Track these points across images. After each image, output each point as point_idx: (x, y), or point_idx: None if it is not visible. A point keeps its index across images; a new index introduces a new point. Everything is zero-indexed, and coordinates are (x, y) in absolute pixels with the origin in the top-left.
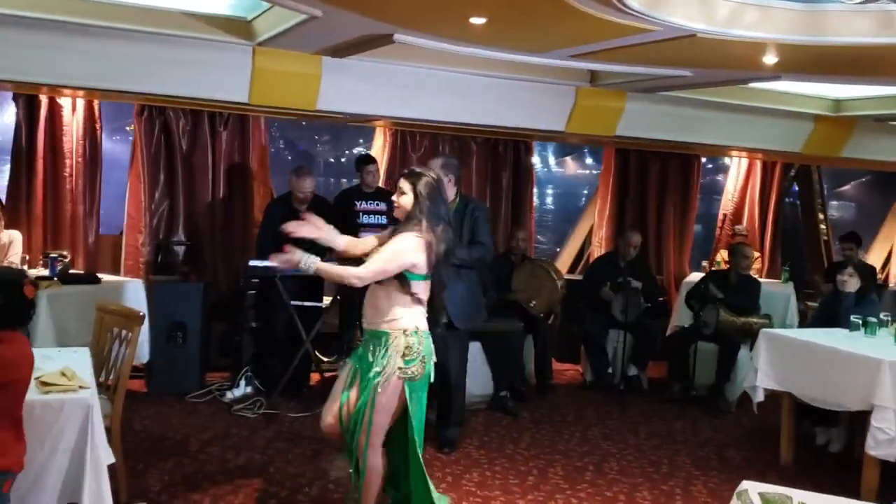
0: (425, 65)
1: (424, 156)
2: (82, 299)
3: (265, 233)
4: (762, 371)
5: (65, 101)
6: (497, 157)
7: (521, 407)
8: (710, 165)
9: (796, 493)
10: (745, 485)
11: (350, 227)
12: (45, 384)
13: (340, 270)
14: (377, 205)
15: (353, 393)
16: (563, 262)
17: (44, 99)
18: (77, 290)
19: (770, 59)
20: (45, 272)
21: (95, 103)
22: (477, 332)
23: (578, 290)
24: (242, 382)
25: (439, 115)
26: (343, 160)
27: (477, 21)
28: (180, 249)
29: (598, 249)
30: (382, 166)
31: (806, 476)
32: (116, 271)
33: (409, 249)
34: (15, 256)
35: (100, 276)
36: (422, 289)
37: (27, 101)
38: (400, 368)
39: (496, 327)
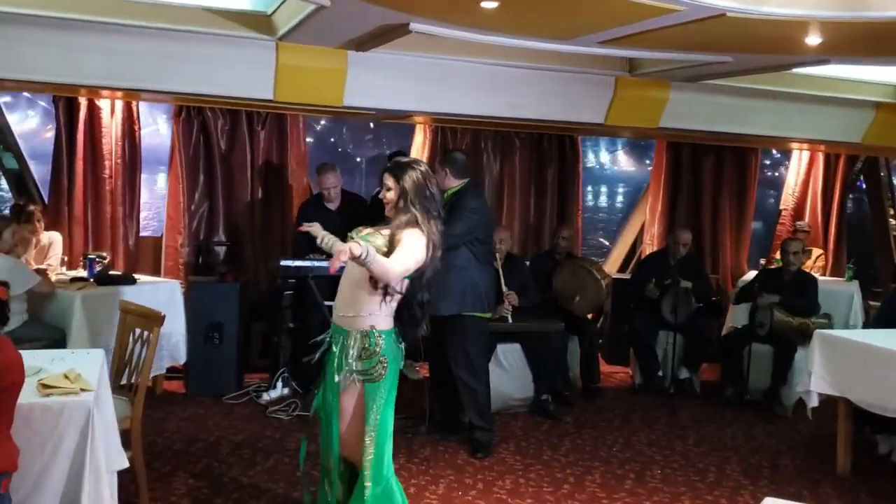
0: (454, 57)
1: (465, 154)
2: (117, 300)
3: (298, 232)
4: (816, 375)
5: (103, 103)
6: (542, 152)
7: (564, 411)
8: (766, 161)
9: None
10: (767, 502)
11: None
12: (45, 386)
13: (387, 267)
14: None
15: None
16: (614, 261)
17: (83, 101)
18: (112, 290)
19: (813, 39)
20: (85, 273)
21: (134, 104)
22: (516, 332)
23: (628, 289)
24: (279, 384)
25: (470, 109)
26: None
27: (488, 5)
28: (221, 250)
29: (649, 247)
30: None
31: (864, 487)
32: (157, 272)
33: (421, 248)
34: (55, 258)
35: (136, 276)
36: (402, 286)
37: (66, 103)
38: (357, 371)
39: (536, 328)
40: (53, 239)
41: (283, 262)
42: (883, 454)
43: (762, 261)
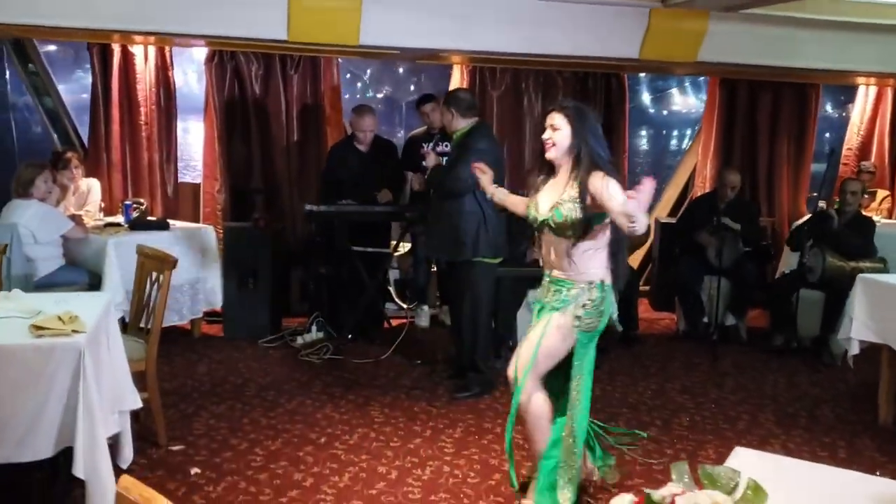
0: None
1: (505, 94)
2: (150, 245)
3: (328, 175)
4: (858, 321)
5: (137, 50)
6: (587, 92)
7: (599, 358)
8: (832, 101)
9: (789, 464)
10: (736, 452)
11: (419, 172)
12: (38, 328)
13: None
14: (445, 146)
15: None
16: (665, 204)
17: (116, 48)
18: (145, 236)
19: None
20: (122, 219)
21: (167, 51)
22: (537, 275)
23: (674, 233)
24: (314, 328)
25: (495, 46)
26: None
27: None
28: (258, 196)
29: (701, 190)
30: None
31: None
32: (197, 219)
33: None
34: (93, 205)
35: (171, 222)
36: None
37: (100, 50)
38: (577, 318)
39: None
40: (92, 186)
41: (309, 207)
42: None
43: (822, 203)
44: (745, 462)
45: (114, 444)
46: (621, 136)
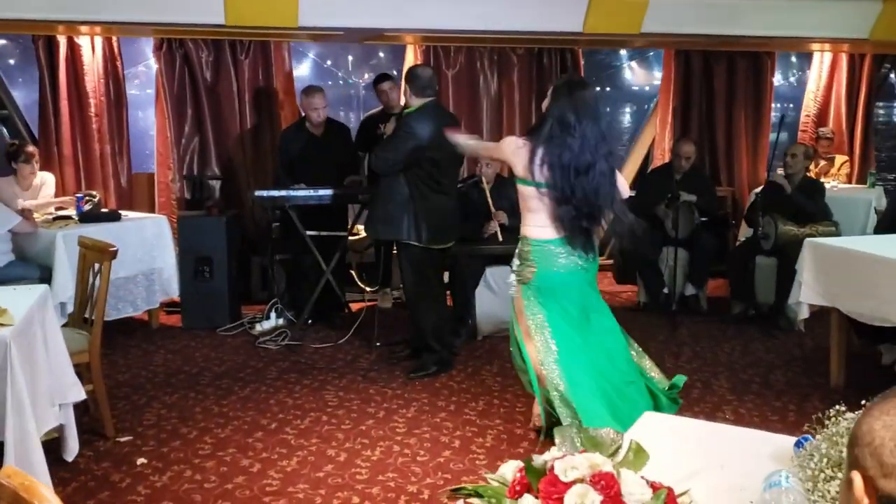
0: None
1: (460, 73)
2: (101, 237)
3: (281, 160)
4: (806, 285)
5: (83, 41)
6: (542, 69)
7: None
8: (791, 70)
9: (692, 425)
10: (645, 419)
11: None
12: None
13: None
14: None
15: None
16: (625, 178)
17: (62, 39)
18: (96, 228)
19: None
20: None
21: (114, 41)
22: (505, 255)
23: (631, 205)
24: (273, 314)
25: (433, 23)
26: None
27: None
28: (216, 184)
29: (660, 163)
30: None
31: (854, 398)
32: (153, 209)
33: None
34: (46, 198)
35: (124, 213)
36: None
37: (46, 43)
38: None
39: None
40: (45, 179)
41: (258, 193)
42: (886, 365)
43: (779, 170)
44: (648, 425)
45: (59, 437)
46: None
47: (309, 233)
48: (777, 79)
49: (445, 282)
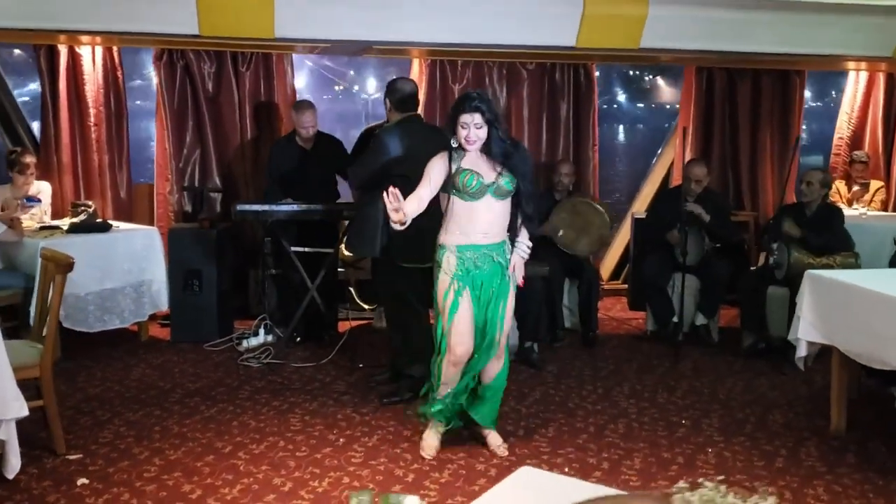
0: None
1: (467, 88)
2: (88, 248)
3: (270, 173)
4: (805, 320)
5: (84, 51)
6: (553, 84)
7: (553, 359)
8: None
9: (560, 483)
10: (519, 473)
11: None
12: None
13: None
14: None
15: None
16: (642, 200)
17: (63, 49)
18: (82, 239)
19: None
20: (76, 221)
21: (115, 50)
22: None
23: (642, 229)
24: (261, 331)
25: (418, 36)
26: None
27: None
28: (210, 196)
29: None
30: (421, 100)
31: (854, 447)
32: (153, 220)
33: None
34: (40, 208)
35: (116, 224)
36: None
37: (47, 52)
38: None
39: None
40: (42, 189)
41: (240, 207)
42: None
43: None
44: (520, 481)
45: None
46: (590, 129)
47: (294, 249)
48: (809, 98)
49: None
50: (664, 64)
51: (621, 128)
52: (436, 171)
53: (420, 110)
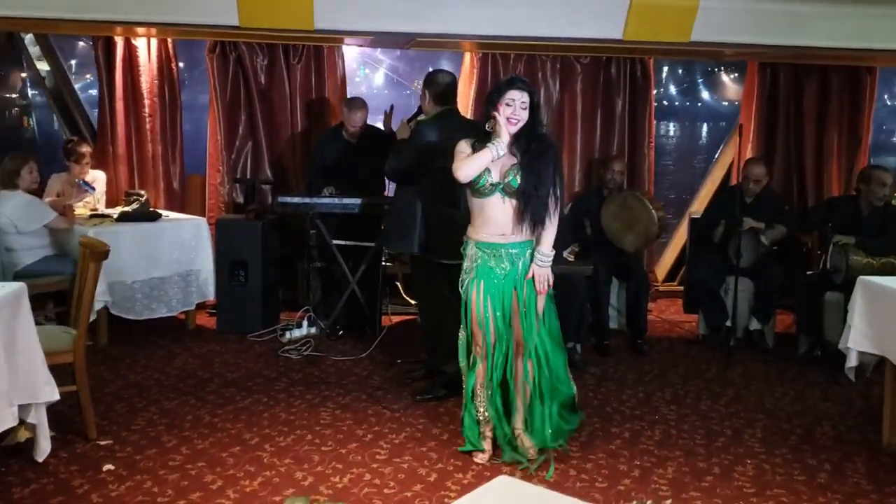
0: None
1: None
2: (137, 236)
3: (316, 166)
4: (856, 329)
5: (140, 42)
6: (609, 79)
7: (598, 362)
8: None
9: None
10: (496, 482)
11: None
12: None
13: None
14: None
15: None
16: (701, 200)
17: (119, 41)
18: (132, 227)
19: None
20: (127, 210)
21: (170, 42)
22: None
23: (696, 229)
24: (305, 323)
25: (461, 28)
26: None
27: None
28: (261, 188)
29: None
30: (471, 95)
31: None
32: (204, 211)
33: None
34: (95, 196)
35: (165, 213)
36: None
37: (105, 44)
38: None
39: (558, 270)
40: (97, 178)
41: (281, 199)
42: None
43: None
44: (496, 490)
45: (32, 438)
46: (646, 125)
47: (336, 242)
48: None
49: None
50: (727, 59)
51: (681, 125)
52: (466, 148)
53: (471, 104)
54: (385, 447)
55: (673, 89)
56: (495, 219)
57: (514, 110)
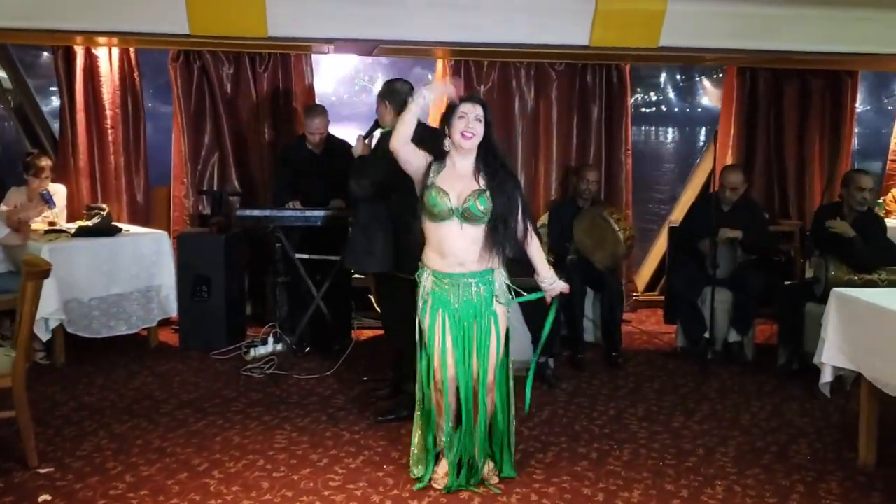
0: None
1: (493, 89)
2: (95, 252)
3: (279, 178)
4: (831, 343)
5: (101, 52)
6: (585, 86)
7: (572, 376)
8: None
9: None
10: None
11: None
12: None
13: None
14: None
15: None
16: (681, 208)
17: (80, 50)
18: (89, 243)
19: None
20: (85, 224)
21: (132, 52)
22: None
23: (672, 239)
24: (270, 339)
25: (419, 34)
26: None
27: None
28: (226, 200)
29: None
30: (444, 102)
31: (883, 484)
32: (169, 224)
33: None
34: (53, 211)
35: (126, 227)
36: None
37: (65, 54)
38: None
39: (529, 283)
40: (57, 191)
41: (239, 212)
42: None
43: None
44: None
45: None
46: (622, 132)
47: (300, 256)
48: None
49: None
50: (707, 64)
51: (661, 131)
52: (423, 156)
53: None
54: (340, 472)
55: (655, 94)
56: (452, 247)
57: (467, 123)
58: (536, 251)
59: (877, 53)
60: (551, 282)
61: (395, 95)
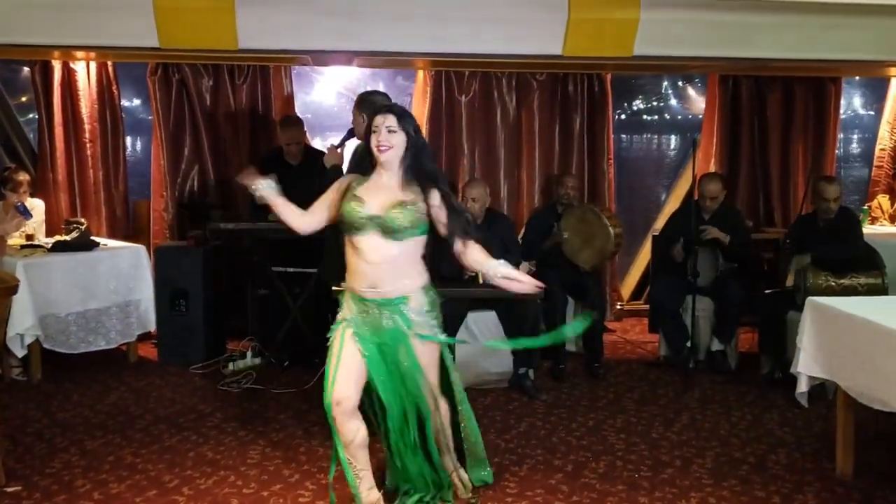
0: None
1: (474, 99)
2: (72, 267)
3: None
4: (806, 352)
5: (78, 66)
6: (567, 95)
7: (552, 387)
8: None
9: None
10: None
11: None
12: None
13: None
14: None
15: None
16: (664, 218)
17: (57, 65)
18: (66, 258)
19: None
20: (62, 239)
21: (110, 66)
22: (489, 298)
23: (655, 248)
24: (249, 353)
25: (388, 45)
26: None
27: None
28: (205, 213)
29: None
30: (425, 113)
31: (860, 494)
32: (149, 238)
33: None
34: (32, 225)
35: (104, 242)
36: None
37: (42, 68)
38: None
39: (509, 293)
40: (35, 205)
41: (212, 225)
42: None
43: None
44: None
45: None
46: (605, 141)
47: (276, 268)
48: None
49: None
50: (691, 72)
51: (645, 139)
52: (336, 187)
53: (425, 122)
54: (311, 488)
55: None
56: (369, 264)
57: (379, 136)
58: (477, 252)
59: (854, 60)
60: (495, 266)
61: (371, 106)
